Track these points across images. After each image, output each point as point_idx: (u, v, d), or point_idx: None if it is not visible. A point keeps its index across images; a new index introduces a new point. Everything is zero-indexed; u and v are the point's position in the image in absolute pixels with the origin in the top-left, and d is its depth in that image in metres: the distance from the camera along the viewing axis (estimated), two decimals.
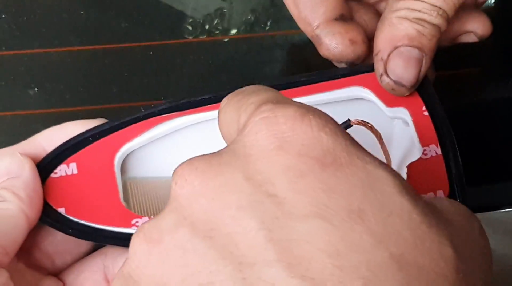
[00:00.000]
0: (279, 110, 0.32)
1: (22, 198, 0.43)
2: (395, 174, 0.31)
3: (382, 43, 0.45)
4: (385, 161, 0.46)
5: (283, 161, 0.30)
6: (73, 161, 0.46)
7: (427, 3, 0.43)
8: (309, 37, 0.46)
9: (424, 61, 0.45)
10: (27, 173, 0.44)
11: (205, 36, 0.59)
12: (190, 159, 0.33)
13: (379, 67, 0.45)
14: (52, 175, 0.45)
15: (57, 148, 0.46)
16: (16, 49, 0.58)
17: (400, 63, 0.44)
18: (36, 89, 0.58)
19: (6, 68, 0.58)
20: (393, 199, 0.29)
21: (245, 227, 0.29)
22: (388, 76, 0.45)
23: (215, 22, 0.60)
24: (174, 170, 0.33)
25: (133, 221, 0.44)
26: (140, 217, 0.44)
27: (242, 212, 0.29)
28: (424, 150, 0.45)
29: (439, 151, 0.45)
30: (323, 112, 0.32)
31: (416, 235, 0.29)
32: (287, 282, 0.27)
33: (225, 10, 0.60)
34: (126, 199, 0.47)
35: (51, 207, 0.44)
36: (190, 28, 0.59)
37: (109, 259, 0.44)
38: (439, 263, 0.28)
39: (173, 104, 0.47)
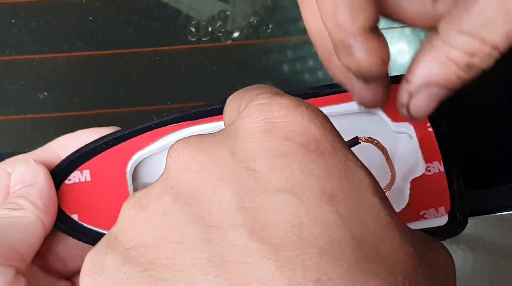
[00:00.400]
0: (275, 99, 0.33)
1: (38, 206, 0.44)
2: (373, 179, 0.32)
3: (417, 75, 0.40)
4: (390, 175, 0.47)
5: (268, 142, 0.32)
6: (87, 168, 0.47)
7: (488, 44, 0.37)
8: (332, 40, 0.40)
9: (445, 97, 0.41)
10: (42, 181, 0.45)
11: (208, 38, 0.60)
12: (187, 136, 0.35)
13: (403, 96, 0.41)
14: (66, 181, 0.46)
15: (71, 155, 0.47)
16: (26, 54, 0.59)
17: (425, 101, 0.41)
18: (45, 93, 0.58)
19: (16, 73, 0.59)
20: (365, 196, 0.31)
21: (221, 196, 0.31)
22: (408, 110, 0.42)
23: (218, 24, 0.61)
24: (171, 146, 0.35)
25: None
26: None
27: (221, 183, 0.31)
28: (428, 166, 0.46)
29: (442, 168, 0.46)
30: (317, 108, 0.34)
31: (380, 228, 0.30)
32: (247, 244, 0.29)
33: (228, 13, 0.61)
34: None
35: (64, 213, 0.45)
36: (193, 30, 0.60)
37: None
38: (398, 253, 0.30)
39: (185, 113, 0.48)
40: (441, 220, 0.46)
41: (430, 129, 0.46)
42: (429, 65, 0.39)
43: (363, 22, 0.39)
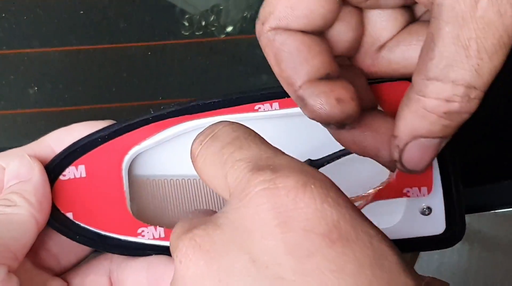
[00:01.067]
0: (279, 180, 0.31)
1: (32, 203, 0.43)
2: (395, 249, 0.31)
3: (401, 130, 0.39)
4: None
5: (288, 239, 0.30)
6: (82, 163, 0.46)
7: (459, 85, 0.36)
8: (293, 98, 0.42)
9: (442, 144, 0.40)
10: (37, 177, 0.44)
11: (201, 33, 0.59)
12: (190, 230, 0.33)
13: (394, 152, 0.40)
14: (61, 177, 0.45)
15: (66, 149, 0.46)
16: (16, 48, 0.58)
17: (416, 155, 0.40)
18: (36, 88, 0.58)
19: (6, 67, 0.58)
20: (399, 279, 0.30)
21: None
22: (402, 165, 0.41)
23: (212, 18, 0.60)
24: (174, 243, 0.33)
25: (139, 230, 0.45)
26: (146, 226, 0.45)
27: None
28: None
29: None
30: (324, 177, 0.32)
31: None
32: None
33: (221, 7, 0.61)
34: (131, 197, 0.47)
35: (59, 211, 0.45)
36: (186, 24, 0.60)
37: (114, 265, 0.45)
38: None
39: (182, 107, 0.47)
40: (438, 228, 0.46)
41: None
42: (410, 119, 0.38)
43: (307, 74, 0.40)
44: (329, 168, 0.49)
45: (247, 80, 0.61)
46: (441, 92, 0.36)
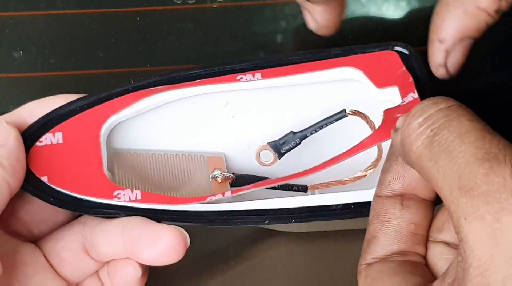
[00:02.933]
0: None
1: (5, 167, 0.42)
2: None
3: (449, 33, 0.40)
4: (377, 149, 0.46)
5: None
6: (59, 131, 0.45)
7: None
8: None
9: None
10: (12, 142, 0.43)
11: (193, 1, 0.58)
12: None
13: (439, 57, 0.41)
14: (37, 143, 0.45)
15: (44, 116, 0.46)
16: (1, 11, 0.57)
17: (461, 55, 0.40)
18: (21, 52, 0.57)
19: None
20: None
21: None
22: (447, 69, 0.41)
23: None
24: None
25: (115, 193, 0.44)
26: (123, 189, 0.44)
27: None
28: (403, 100, 0.45)
29: (416, 95, 0.44)
30: None
31: None
32: None
33: None
34: (111, 169, 0.46)
35: (34, 175, 0.44)
36: None
37: (87, 229, 0.44)
38: None
39: (163, 77, 0.47)
40: None
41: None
42: (460, 20, 0.39)
43: None
44: (314, 142, 0.48)
45: (243, 56, 0.60)
46: None
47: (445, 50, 0.40)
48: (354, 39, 0.55)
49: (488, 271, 0.30)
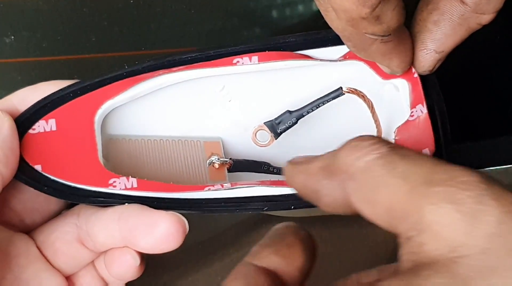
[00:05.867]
0: None
1: None
2: None
3: (450, 45, 0.43)
4: (375, 129, 0.45)
5: None
6: (52, 117, 0.45)
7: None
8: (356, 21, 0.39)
9: None
10: (6, 130, 0.43)
11: None
12: None
13: (432, 64, 0.44)
14: (30, 131, 0.44)
15: (36, 103, 0.45)
16: None
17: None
18: (12, 37, 0.56)
19: None
20: None
21: None
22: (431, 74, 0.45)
23: None
24: None
25: (111, 181, 0.43)
26: (118, 177, 0.44)
27: None
28: (412, 112, 0.45)
29: (425, 110, 0.44)
30: None
31: None
32: None
33: None
34: (106, 157, 0.46)
35: (27, 164, 0.43)
36: None
37: (82, 219, 0.44)
38: None
39: (158, 62, 0.46)
40: None
41: (416, 75, 0.45)
42: (461, 35, 0.43)
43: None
44: (311, 122, 0.48)
45: (239, 33, 0.59)
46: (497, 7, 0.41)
47: (439, 59, 0.44)
48: None
49: (461, 247, 0.31)
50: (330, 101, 0.46)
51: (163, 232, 0.42)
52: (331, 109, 0.47)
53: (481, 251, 0.31)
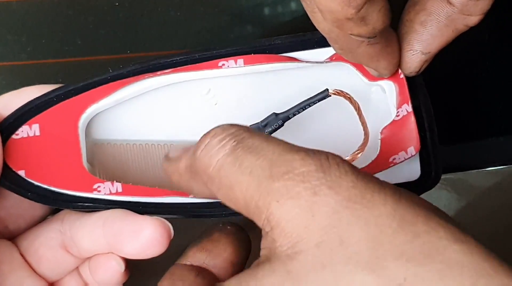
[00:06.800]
0: None
1: None
2: None
3: (437, 47, 0.43)
4: (361, 132, 0.45)
5: None
6: (36, 122, 0.44)
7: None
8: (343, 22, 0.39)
9: None
10: None
11: None
12: None
13: (419, 66, 0.44)
14: (14, 136, 0.44)
15: (20, 108, 0.44)
16: None
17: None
18: None
19: None
20: None
21: None
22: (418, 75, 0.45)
23: None
24: None
25: (95, 186, 0.43)
26: (103, 182, 0.43)
27: None
28: (397, 112, 0.44)
29: (410, 109, 0.44)
30: None
31: None
32: None
33: None
34: (91, 161, 0.45)
35: (10, 169, 0.43)
36: None
37: (66, 225, 0.43)
38: None
39: (142, 65, 0.45)
40: (414, 173, 0.45)
41: (402, 76, 0.45)
42: (448, 37, 0.42)
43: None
44: (297, 124, 0.47)
45: (230, 31, 0.58)
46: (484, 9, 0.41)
47: (426, 61, 0.43)
48: None
49: (300, 242, 0.31)
50: (316, 103, 0.46)
51: (147, 237, 0.42)
52: (318, 111, 0.47)
53: (316, 245, 0.31)
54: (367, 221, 0.31)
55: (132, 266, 0.44)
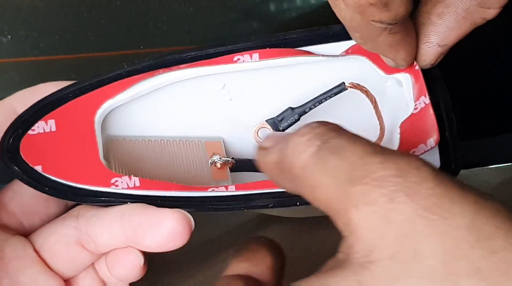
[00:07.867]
0: None
1: None
2: None
3: (453, 39, 0.43)
4: (378, 125, 0.45)
5: None
6: (52, 118, 0.44)
7: None
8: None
9: None
10: None
11: None
12: None
13: (434, 58, 0.43)
14: (30, 132, 0.44)
15: (35, 104, 0.44)
16: None
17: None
18: (9, 36, 0.55)
19: None
20: None
21: None
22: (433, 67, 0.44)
23: None
24: None
25: (113, 180, 0.43)
26: (120, 176, 0.43)
27: None
28: (415, 105, 0.44)
29: (427, 100, 0.44)
30: None
31: None
32: None
33: None
34: (106, 158, 0.45)
35: (27, 164, 0.43)
36: None
37: (81, 221, 0.43)
38: None
39: (157, 61, 0.45)
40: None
41: (417, 67, 0.44)
42: (465, 29, 0.42)
43: None
44: (314, 118, 0.47)
45: (236, 27, 0.58)
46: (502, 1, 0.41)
47: (442, 53, 0.43)
48: None
49: (374, 251, 0.30)
50: (332, 96, 0.46)
51: (169, 230, 0.41)
52: (334, 105, 0.47)
53: (390, 256, 0.30)
54: (444, 233, 0.30)
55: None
